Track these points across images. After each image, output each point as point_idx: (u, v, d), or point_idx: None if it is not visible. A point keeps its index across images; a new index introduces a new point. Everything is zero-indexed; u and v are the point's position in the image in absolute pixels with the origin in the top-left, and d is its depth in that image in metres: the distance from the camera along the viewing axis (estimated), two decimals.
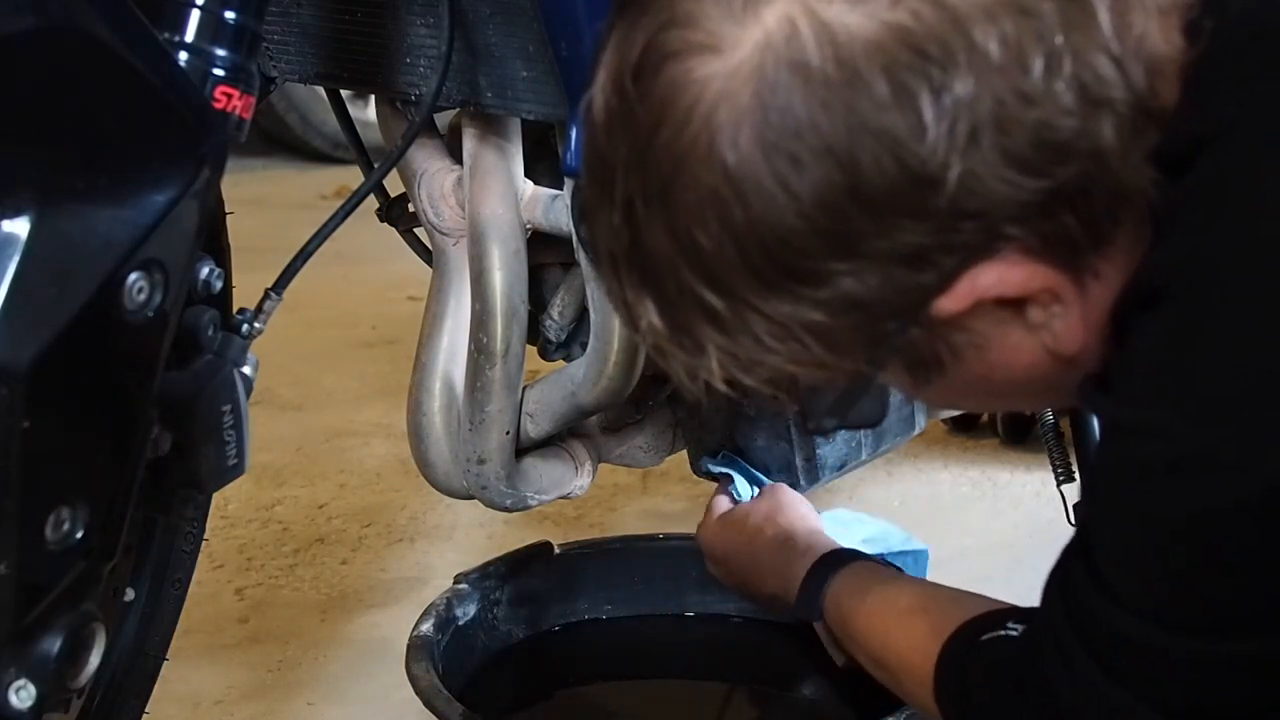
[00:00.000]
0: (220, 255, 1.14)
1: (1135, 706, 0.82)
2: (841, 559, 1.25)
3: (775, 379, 0.85)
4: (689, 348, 0.84)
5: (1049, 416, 1.60)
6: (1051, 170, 0.76)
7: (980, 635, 0.99)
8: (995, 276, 0.79)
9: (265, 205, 3.75)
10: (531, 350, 1.40)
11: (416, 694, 1.32)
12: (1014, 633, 0.96)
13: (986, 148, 0.75)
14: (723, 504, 1.46)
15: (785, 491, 1.42)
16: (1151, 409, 0.77)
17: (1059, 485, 1.58)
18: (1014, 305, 0.82)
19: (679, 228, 0.80)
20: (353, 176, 1.64)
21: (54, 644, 0.90)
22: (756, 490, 1.47)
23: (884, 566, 1.27)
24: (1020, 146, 0.76)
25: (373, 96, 1.40)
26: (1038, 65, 0.75)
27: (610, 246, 0.84)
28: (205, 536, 1.35)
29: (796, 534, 1.32)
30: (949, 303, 0.80)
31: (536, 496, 1.42)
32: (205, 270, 1.04)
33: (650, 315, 0.84)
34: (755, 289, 0.80)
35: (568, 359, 1.43)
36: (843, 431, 1.53)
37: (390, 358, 2.89)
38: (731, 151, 0.77)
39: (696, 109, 0.78)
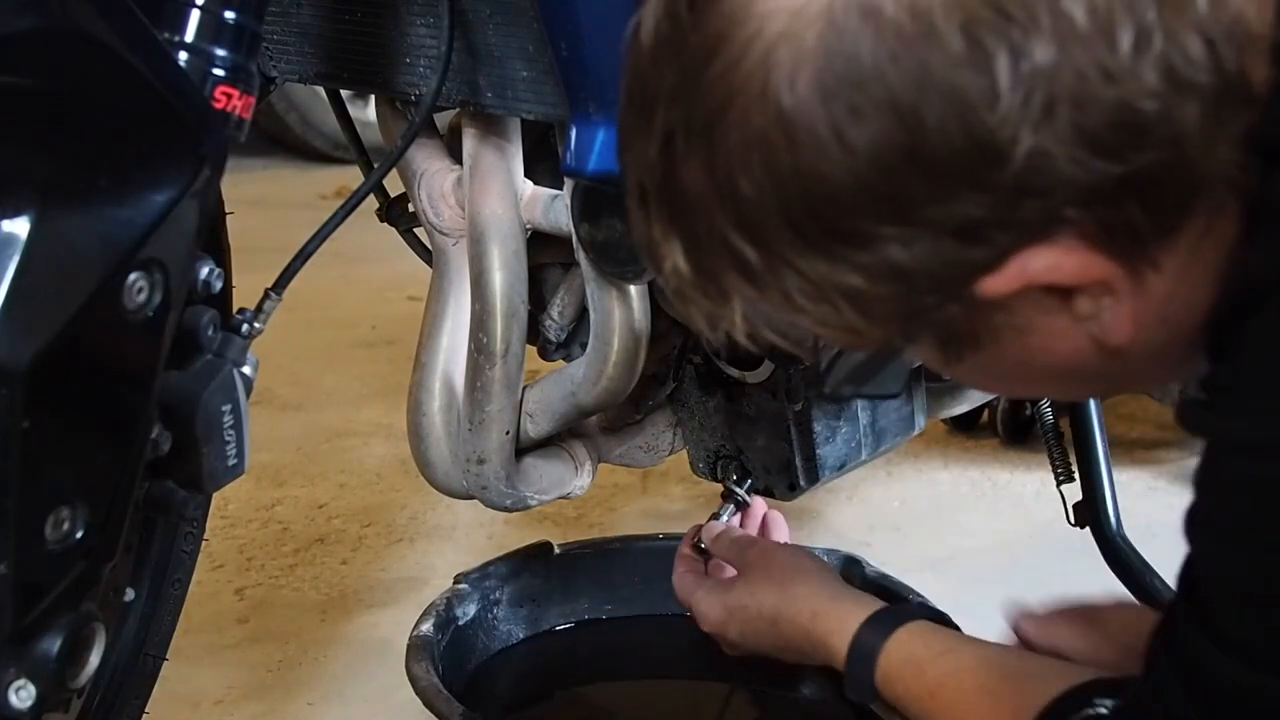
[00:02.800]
0: (220, 255, 1.14)
1: None
2: (883, 624, 1.12)
3: (799, 339, 0.82)
4: (713, 295, 0.80)
5: (1049, 416, 1.60)
6: (1127, 155, 0.71)
7: (1067, 717, 0.92)
8: (1048, 262, 0.74)
9: (265, 205, 3.75)
10: (531, 350, 1.40)
11: (416, 694, 1.32)
12: (1104, 710, 0.89)
13: (1061, 124, 0.70)
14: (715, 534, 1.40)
15: (779, 548, 1.35)
16: (1270, 420, 0.71)
17: (1059, 485, 1.58)
18: (1062, 293, 0.76)
19: (719, 168, 0.75)
20: (353, 176, 1.64)
21: (54, 644, 0.90)
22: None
23: (934, 625, 1.12)
24: (1097, 126, 0.70)
25: (373, 96, 1.41)
26: (1126, 40, 0.70)
27: (642, 179, 0.80)
28: (205, 536, 1.35)
29: (819, 603, 1.19)
30: (996, 284, 0.75)
31: (536, 496, 1.42)
32: (205, 270, 1.04)
33: (676, 257, 0.80)
34: (793, 244, 0.75)
35: (568, 359, 1.43)
36: (843, 431, 1.53)
37: (390, 358, 2.89)
38: (788, 94, 0.72)
39: (754, 44, 0.73)
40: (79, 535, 0.89)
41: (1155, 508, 2.16)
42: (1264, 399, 0.72)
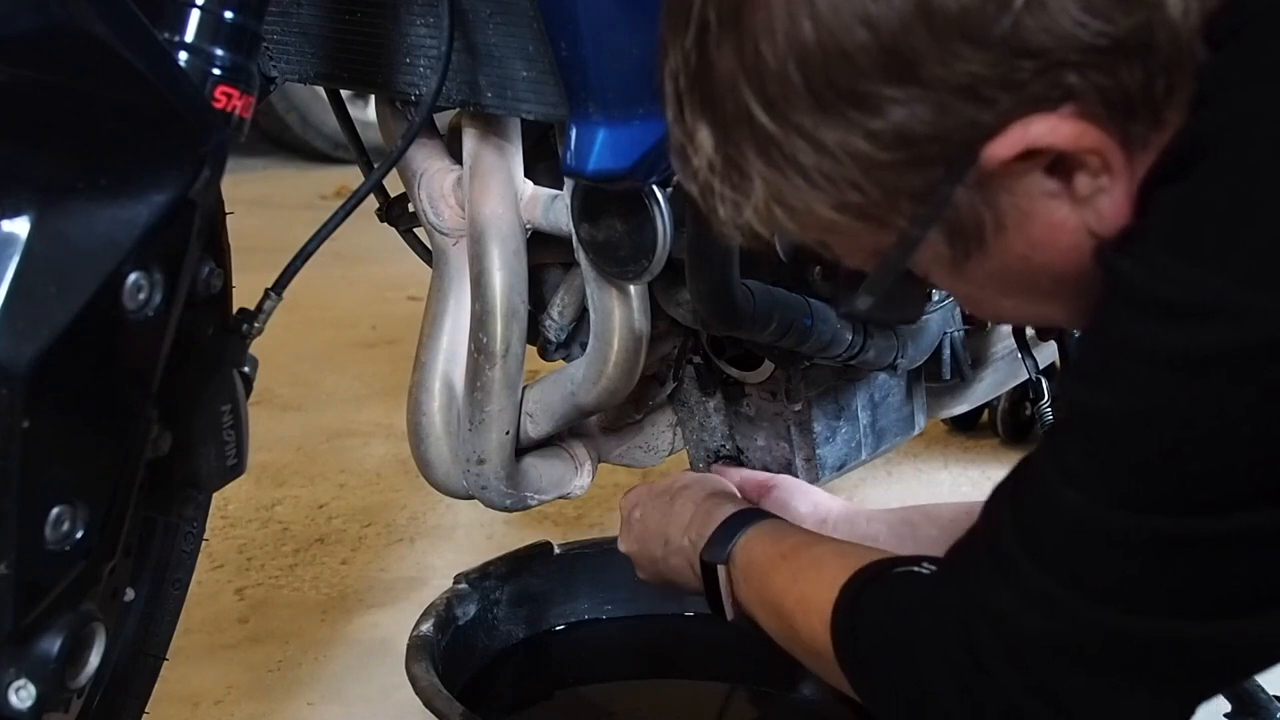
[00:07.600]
0: (220, 255, 1.14)
1: (1078, 603, 0.80)
2: (767, 515, 1.20)
3: (816, 229, 0.86)
4: (737, 183, 0.85)
5: (1049, 416, 1.60)
6: (1115, 15, 0.77)
7: (893, 569, 0.97)
8: (1048, 126, 0.79)
9: (265, 205, 3.75)
10: (531, 350, 1.40)
11: (416, 694, 1.32)
12: (926, 571, 0.93)
13: None
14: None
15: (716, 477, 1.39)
16: (1159, 256, 0.76)
17: None
18: (1063, 175, 0.81)
19: (747, 45, 0.81)
20: (353, 176, 1.64)
21: (54, 644, 0.90)
22: None
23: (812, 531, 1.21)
24: None
25: (373, 96, 1.41)
26: None
27: (677, 80, 0.86)
28: (205, 536, 1.35)
29: (726, 494, 1.28)
30: (998, 148, 0.79)
31: (536, 496, 1.42)
32: (205, 270, 1.04)
33: (705, 146, 0.85)
34: (810, 111, 0.81)
35: (568, 359, 1.43)
36: (843, 431, 1.53)
37: (390, 358, 2.89)
38: None
39: None
40: (79, 535, 0.89)
41: None
42: (1157, 243, 0.77)
